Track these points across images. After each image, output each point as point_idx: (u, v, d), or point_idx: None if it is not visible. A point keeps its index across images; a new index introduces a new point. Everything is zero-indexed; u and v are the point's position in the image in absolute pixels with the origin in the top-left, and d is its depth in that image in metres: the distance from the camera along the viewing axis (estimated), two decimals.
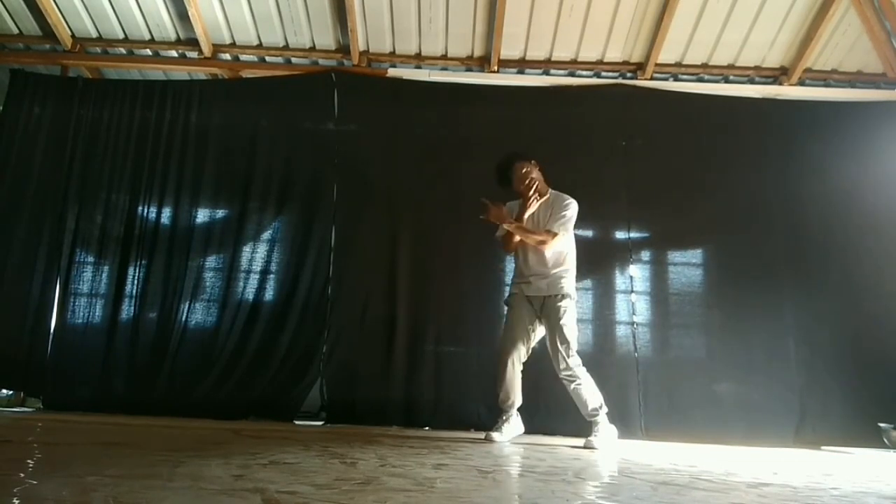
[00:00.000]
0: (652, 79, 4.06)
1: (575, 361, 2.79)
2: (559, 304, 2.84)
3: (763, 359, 3.56)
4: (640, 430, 3.41)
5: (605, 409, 2.80)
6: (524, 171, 2.94)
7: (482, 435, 2.93)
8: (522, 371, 2.88)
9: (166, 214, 3.79)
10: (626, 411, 3.46)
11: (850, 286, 3.63)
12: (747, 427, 3.38)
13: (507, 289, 3.69)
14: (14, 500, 1.09)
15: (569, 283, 2.91)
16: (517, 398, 2.85)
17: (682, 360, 3.63)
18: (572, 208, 2.93)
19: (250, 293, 3.67)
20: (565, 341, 2.79)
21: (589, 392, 2.79)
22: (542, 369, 3.09)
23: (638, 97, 3.96)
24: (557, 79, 4.14)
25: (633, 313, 3.66)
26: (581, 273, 3.80)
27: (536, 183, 2.93)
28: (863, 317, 3.59)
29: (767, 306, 3.63)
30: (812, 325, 3.60)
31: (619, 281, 3.72)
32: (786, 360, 3.56)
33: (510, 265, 3.69)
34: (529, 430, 2.96)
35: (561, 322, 2.81)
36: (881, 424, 3.43)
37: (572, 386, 2.78)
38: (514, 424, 2.85)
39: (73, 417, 3.09)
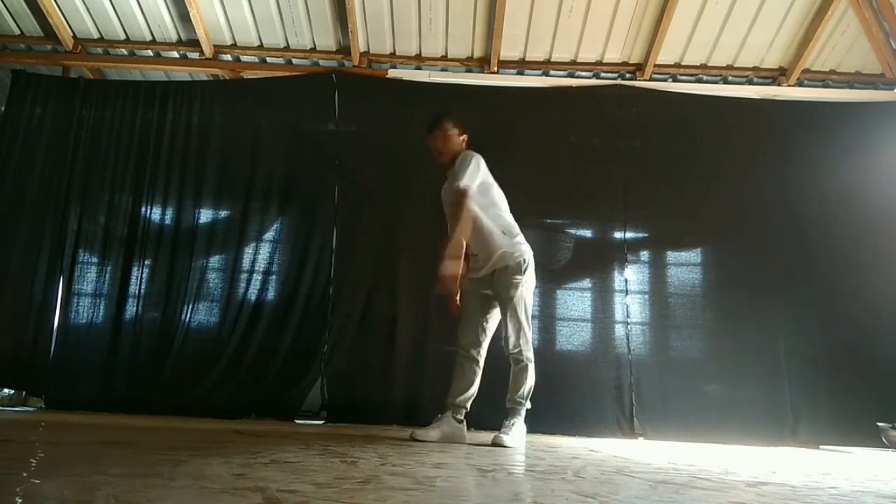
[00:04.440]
0: (651, 80, 4.07)
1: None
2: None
3: (759, 359, 3.57)
4: (633, 430, 3.44)
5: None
6: (446, 135, 2.79)
7: (482, 434, 2.93)
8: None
9: (168, 215, 3.80)
10: (620, 411, 3.47)
11: (847, 285, 3.64)
12: (743, 427, 3.39)
13: None
14: (17, 499, 1.09)
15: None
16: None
17: (677, 361, 3.65)
18: (468, 159, 2.70)
19: (252, 293, 3.68)
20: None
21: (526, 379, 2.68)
22: (540, 368, 3.09)
23: (637, 98, 3.97)
24: (557, 79, 4.15)
25: (628, 315, 3.67)
26: (577, 273, 3.84)
27: (443, 157, 2.81)
28: (860, 316, 3.59)
29: (763, 306, 3.64)
30: (810, 325, 3.61)
31: (615, 281, 3.72)
32: (781, 360, 3.57)
33: None
34: (527, 430, 2.96)
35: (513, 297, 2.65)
36: (879, 424, 3.44)
37: (517, 367, 2.68)
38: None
39: (75, 417, 3.10)
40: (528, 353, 2.69)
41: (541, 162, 3.81)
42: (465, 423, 2.73)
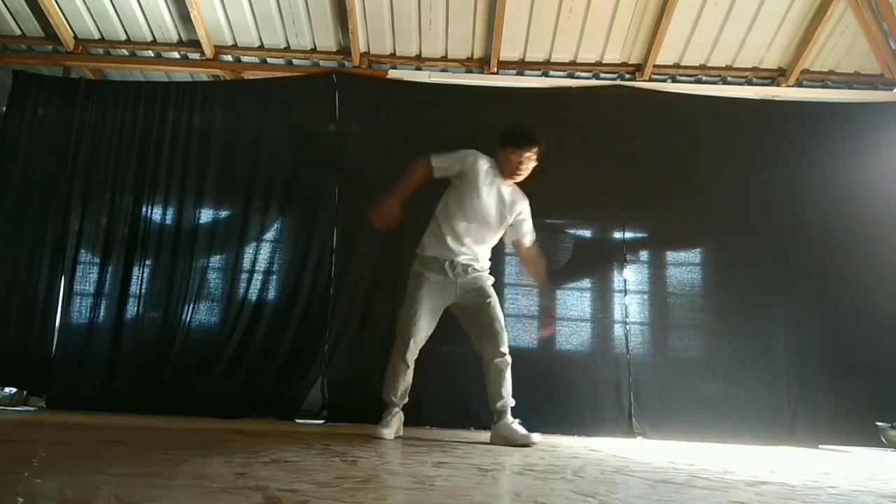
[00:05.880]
0: (650, 80, 4.07)
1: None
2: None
3: (758, 358, 3.56)
4: (632, 430, 3.44)
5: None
6: (531, 159, 2.90)
7: (482, 434, 2.94)
8: (515, 368, 2.86)
9: (169, 215, 3.80)
10: (619, 411, 3.48)
11: (846, 285, 3.63)
12: (742, 426, 3.39)
13: (507, 290, 3.70)
14: (17, 499, 1.10)
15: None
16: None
17: (676, 361, 3.65)
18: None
19: (253, 293, 3.68)
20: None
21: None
22: (540, 368, 3.11)
23: (636, 98, 3.97)
24: (556, 80, 4.15)
25: (626, 315, 3.67)
26: (577, 273, 3.84)
27: (522, 175, 2.95)
28: (859, 315, 3.59)
29: (762, 306, 3.64)
30: (809, 325, 3.61)
31: (614, 281, 3.72)
32: (780, 360, 3.57)
33: (509, 266, 3.71)
34: (527, 429, 2.97)
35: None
36: (879, 423, 3.45)
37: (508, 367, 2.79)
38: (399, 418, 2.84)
39: (76, 416, 3.11)
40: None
41: (540, 162, 3.81)
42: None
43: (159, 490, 1.25)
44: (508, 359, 2.77)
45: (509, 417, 2.71)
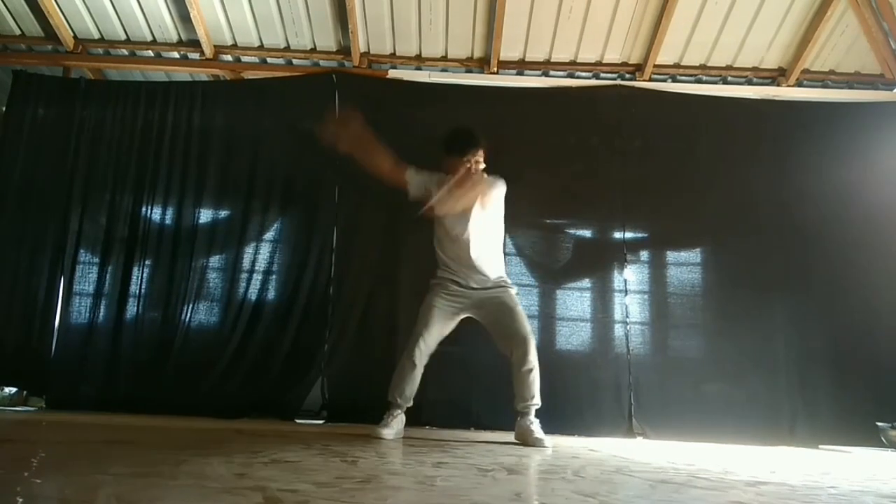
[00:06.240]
0: (650, 80, 4.07)
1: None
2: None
3: (758, 358, 3.56)
4: (632, 430, 3.45)
5: None
6: (479, 162, 2.90)
7: (482, 434, 2.94)
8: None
9: (169, 215, 3.80)
10: (619, 411, 3.48)
11: (846, 285, 3.64)
12: (742, 427, 3.38)
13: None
14: (17, 499, 1.10)
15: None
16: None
17: (676, 361, 3.66)
18: (503, 186, 2.94)
19: (253, 293, 3.68)
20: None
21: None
22: (540, 368, 3.10)
23: (636, 98, 3.97)
24: (557, 80, 4.15)
25: (627, 315, 3.67)
26: (577, 273, 3.85)
27: (474, 179, 2.89)
28: (860, 315, 3.59)
29: (762, 306, 3.64)
30: (809, 325, 3.61)
31: (614, 281, 3.72)
32: (781, 360, 3.57)
33: (509, 266, 3.70)
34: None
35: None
36: (879, 423, 3.45)
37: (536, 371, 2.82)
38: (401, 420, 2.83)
39: (76, 416, 3.11)
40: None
41: (540, 162, 3.81)
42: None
43: (159, 490, 1.25)
44: (531, 366, 2.78)
45: (529, 418, 2.75)
